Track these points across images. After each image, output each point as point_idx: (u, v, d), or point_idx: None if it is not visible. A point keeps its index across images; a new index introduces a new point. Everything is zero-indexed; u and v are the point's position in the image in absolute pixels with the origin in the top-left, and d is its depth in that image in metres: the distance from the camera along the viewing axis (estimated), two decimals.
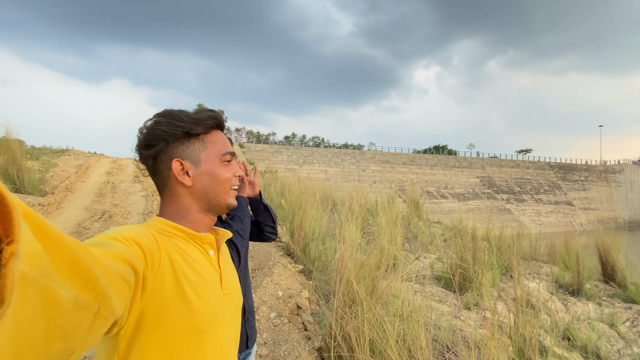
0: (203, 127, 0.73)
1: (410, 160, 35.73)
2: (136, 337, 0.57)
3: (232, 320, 0.74)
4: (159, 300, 0.58)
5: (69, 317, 0.31)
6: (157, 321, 0.58)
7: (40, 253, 0.27)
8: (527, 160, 40.38)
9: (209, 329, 0.65)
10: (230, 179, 0.76)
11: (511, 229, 6.87)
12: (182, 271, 0.63)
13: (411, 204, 9.94)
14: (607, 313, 4.53)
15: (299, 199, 5.43)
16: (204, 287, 0.66)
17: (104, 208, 6.18)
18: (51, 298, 0.28)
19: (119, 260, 0.48)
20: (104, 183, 8.69)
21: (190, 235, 0.71)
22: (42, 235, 0.29)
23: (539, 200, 37.16)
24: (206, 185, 0.73)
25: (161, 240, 0.63)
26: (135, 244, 0.55)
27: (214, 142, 0.75)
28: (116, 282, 0.44)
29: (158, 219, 0.71)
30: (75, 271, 0.32)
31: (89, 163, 11.76)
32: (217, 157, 0.74)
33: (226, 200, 0.75)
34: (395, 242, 4.53)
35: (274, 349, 2.09)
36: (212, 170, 0.73)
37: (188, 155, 0.72)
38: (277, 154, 32.65)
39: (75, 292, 0.32)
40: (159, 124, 0.71)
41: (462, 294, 4.37)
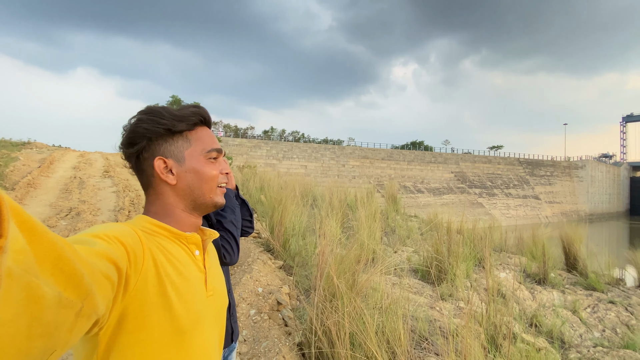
0: (186, 124, 0.71)
1: (388, 156, 36.35)
2: (116, 338, 0.56)
3: (217, 320, 0.73)
4: (141, 300, 0.57)
5: (51, 315, 0.30)
6: (138, 322, 0.57)
7: (25, 249, 0.27)
8: (498, 156, 42.18)
9: (192, 330, 0.64)
10: (216, 176, 0.73)
11: (483, 222, 7.17)
12: (165, 272, 0.62)
13: (389, 198, 10.14)
14: (570, 300, 4.84)
15: (278, 195, 5.38)
16: (187, 289, 0.64)
17: (70, 205, 5.86)
18: (35, 295, 0.28)
19: (102, 258, 0.47)
20: (71, 178, 8.24)
21: (175, 234, 0.69)
22: (27, 230, 0.28)
23: (509, 194, 38.99)
24: (191, 184, 0.71)
25: (145, 239, 0.61)
26: (118, 243, 0.54)
27: (199, 139, 0.73)
28: (99, 281, 0.43)
29: (143, 218, 0.69)
30: (59, 268, 0.32)
31: (54, 157, 11.10)
32: (201, 154, 0.72)
33: (212, 199, 0.73)
34: (374, 237, 4.60)
35: (254, 346, 2.07)
36: (197, 168, 0.71)
37: (171, 152, 0.70)
38: (256, 148, 32.20)
39: (58, 289, 0.31)
40: (140, 122, 0.69)
41: (437, 285, 4.51)
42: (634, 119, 64.47)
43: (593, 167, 43.95)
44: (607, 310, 4.60)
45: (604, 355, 3.33)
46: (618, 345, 3.77)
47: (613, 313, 4.55)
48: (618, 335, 4.09)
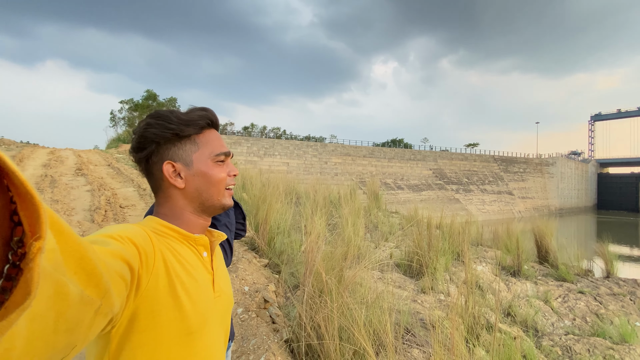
0: (194, 128, 0.72)
1: (369, 153, 36.77)
2: (128, 337, 0.57)
3: (223, 321, 0.75)
4: (152, 300, 0.58)
5: (75, 312, 0.32)
6: (149, 322, 0.58)
7: (55, 249, 0.29)
8: (474, 154, 43.56)
9: (199, 331, 0.65)
10: (224, 179, 0.74)
11: (460, 218, 7.42)
12: (175, 272, 0.63)
13: (371, 195, 10.29)
14: (542, 291, 5.11)
15: (262, 193, 5.35)
16: (196, 290, 0.66)
17: None
18: (62, 292, 0.29)
19: (116, 257, 0.49)
20: (42, 177, 7.84)
21: (184, 236, 0.71)
22: (56, 231, 0.30)
23: (484, 190, 40.43)
24: (199, 187, 0.72)
25: (156, 240, 0.63)
26: (130, 243, 0.55)
27: (207, 143, 0.74)
28: (115, 280, 0.44)
29: (153, 219, 0.71)
30: (82, 267, 0.33)
31: (23, 154, 10.52)
32: (209, 157, 0.73)
33: (220, 201, 0.74)
34: (358, 233, 4.67)
35: (243, 344, 2.08)
36: (205, 171, 0.72)
37: (180, 156, 0.71)
38: (236, 145, 31.68)
39: (81, 287, 0.33)
40: (149, 126, 0.70)
41: (419, 279, 4.65)
42: (601, 117, 68.24)
43: (563, 164, 46.29)
44: (577, 300, 4.90)
45: (575, 343, 3.55)
46: (588, 333, 4.03)
47: (583, 302, 4.84)
48: (588, 323, 4.37)
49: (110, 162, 11.31)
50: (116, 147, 17.17)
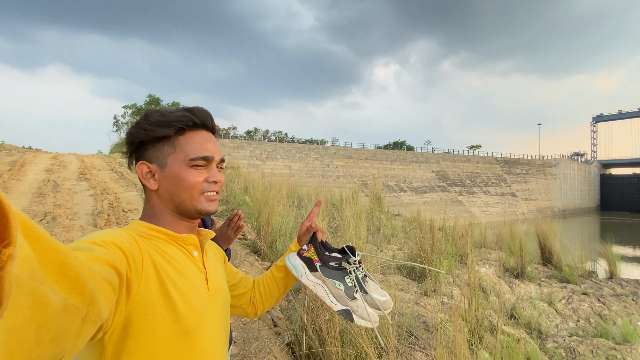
0: (170, 129, 0.69)
1: (371, 156, 36.75)
2: (124, 343, 0.56)
3: (221, 318, 0.75)
4: (145, 304, 0.57)
5: (58, 321, 0.30)
6: (144, 325, 0.57)
7: (30, 256, 0.27)
8: (477, 155, 43.45)
9: (197, 329, 0.65)
10: (198, 183, 0.71)
11: (463, 220, 7.39)
12: (165, 273, 0.62)
13: (373, 198, 10.27)
14: (546, 292, 5.07)
15: (264, 195, 5.36)
16: (189, 289, 0.65)
17: (45, 209, 5.61)
18: (41, 302, 0.28)
19: (102, 263, 0.47)
20: (44, 181, 7.88)
21: (172, 237, 0.70)
22: (32, 238, 0.28)
23: (487, 192, 40.26)
24: (170, 190, 0.70)
25: (142, 243, 0.62)
26: (116, 247, 0.54)
27: (185, 145, 0.70)
28: (101, 286, 0.43)
29: (139, 223, 0.70)
30: (63, 275, 0.32)
31: (25, 159, 10.59)
32: (184, 160, 0.70)
33: (195, 207, 0.71)
34: (360, 236, 4.66)
35: (244, 347, 2.07)
36: (177, 174, 0.70)
37: (156, 157, 0.70)
38: (239, 149, 31.79)
39: (64, 295, 0.32)
40: (133, 126, 0.71)
41: (422, 281, 4.62)
42: (603, 118, 67.95)
43: (566, 165, 46.06)
44: (580, 302, 4.85)
45: (578, 344, 3.52)
46: (592, 335, 3.99)
47: (586, 304, 4.80)
48: (592, 324, 4.32)
49: (113, 166, 11.36)
50: (119, 151, 17.26)
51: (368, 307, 0.81)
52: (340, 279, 0.84)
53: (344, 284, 0.83)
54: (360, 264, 0.87)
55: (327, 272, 0.85)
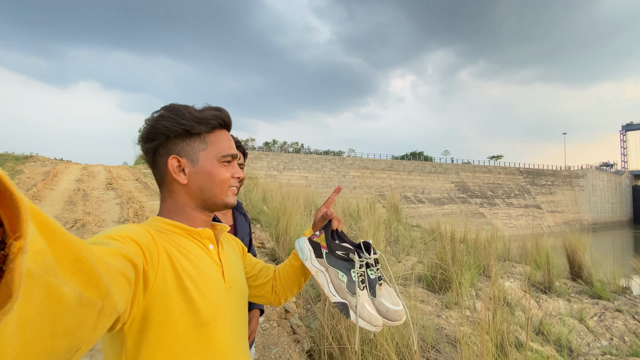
0: (205, 126, 0.72)
1: (388, 166, 36.46)
2: (144, 334, 0.57)
3: (239, 311, 0.76)
4: (163, 296, 0.59)
5: (73, 314, 0.31)
6: (163, 317, 0.58)
7: (44, 250, 0.27)
8: (499, 166, 42.24)
9: (214, 321, 0.65)
10: (228, 179, 0.75)
11: (485, 232, 7.17)
12: (181, 266, 0.63)
13: (391, 208, 10.16)
14: (576, 309, 4.81)
15: (282, 205, 5.42)
16: (205, 281, 0.66)
17: (75, 216, 5.89)
18: (55, 295, 0.28)
19: (118, 256, 0.48)
20: (75, 190, 8.29)
21: (187, 231, 0.71)
22: (46, 231, 0.28)
23: (510, 204, 38.90)
24: (202, 184, 0.72)
25: (158, 237, 0.63)
26: (132, 241, 0.55)
27: (216, 142, 0.74)
28: (117, 279, 0.44)
29: (156, 218, 0.71)
30: (78, 268, 0.32)
31: (57, 170, 11.18)
32: (216, 157, 0.73)
33: (223, 200, 0.75)
34: (378, 246, 4.61)
35: (265, 353, 2.08)
36: (210, 170, 0.72)
37: (187, 152, 0.71)
38: (257, 160, 32.33)
39: (79, 289, 0.32)
40: (161, 118, 0.71)
41: (443, 294, 4.50)
42: (633, 127, 64.83)
43: (594, 176, 43.97)
44: (614, 319, 4.57)
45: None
46: (626, 353, 3.74)
47: (620, 321, 4.51)
48: (626, 343, 4.05)
49: (138, 177, 11.81)
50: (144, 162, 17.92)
51: (370, 308, 0.76)
52: (345, 271, 0.80)
53: (348, 276, 0.79)
54: (376, 263, 0.83)
55: (332, 261, 0.81)
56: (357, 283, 0.78)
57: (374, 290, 0.80)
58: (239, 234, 1.35)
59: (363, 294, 0.78)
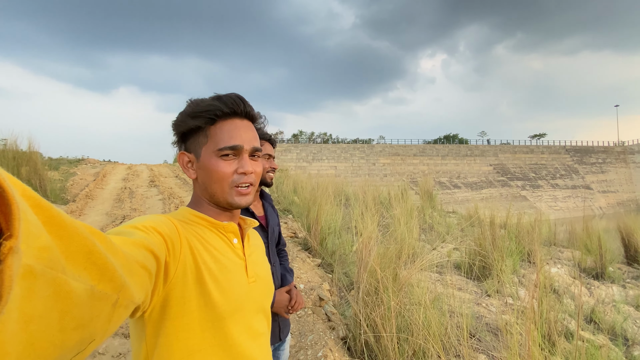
0: (201, 120, 0.68)
1: (420, 152, 35.37)
2: (162, 323, 0.58)
3: (261, 306, 0.75)
4: (182, 287, 0.59)
5: (85, 308, 0.30)
6: (180, 308, 0.59)
7: (50, 246, 0.27)
8: (542, 145, 39.43)
9: (232, 316, 0.65)
10: (227, 175, 0.68)
11: (528, 216, 6.77)
12: (202, 259, 0.63)
13: (424, 195, 9.89)
14: (632, 295, 4.43)
15: (312, 195, 5.47)
16: (224, 276, 0.66)
17: (123, 213, 6.35)
18: (63, 290, 0.28)
19: (139, 247, 0.49)
20: (122, 189, 8.92)
21: (212, 224, 0.70)
22: (56, 226, 0.28)
23: (556, 185, 36.30)
24: (204, 181, 0.70)
25: (182, 228, 0.63)
26: (155, 232, 0.55)
27: (215, 135, 0.69)
28: (135, 270, 0.44)
29: (184, 209, 0.72)
30: (92, 262, 0.32)
31: (106, 171, 12.06)
32: (213, 151, 0.68)
33: (226, 199, 0.69)
34: (411, 233, 4.53)
35: (301, 339, 2.15)
36: (207, 165, 0.69)
37: (193, 148, 0.71)
38: (286, 152, 32.78)
39: (92, 283, 0.31)
40: (176, 117, 0.73)
41: (482, 281, 4.34)
42: None
43: None
44: None
45: None
46: None
47: None
48: None
49: (177, 174, 12.47)
50: None
51: None
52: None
53: None
54: None
55: None
56: None
57: None
58: (270, 225, 1.38)
59: None
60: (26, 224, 0.24)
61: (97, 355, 2.30)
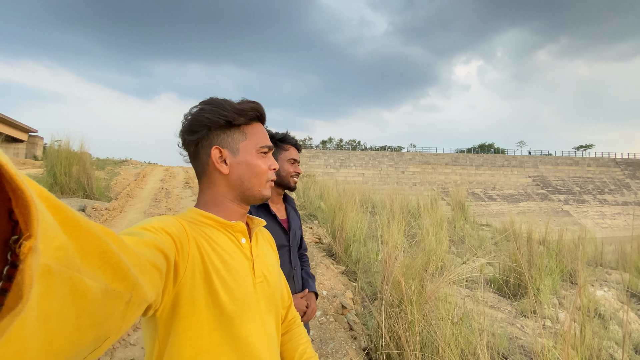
0: (245, 118, 0.74)
1: (453, 161, 34.18)
2: (172, 323, 0.60)
3: (269, 306, 0.76)
4: (191, 287, 0.61)
5: (99, 307, 0.31)
6: (190, 307, 0.60)
7: (66, 245, 0.27)
8: (588, 157, 36.63)
9: (240, 316, 0.66)
10: (266, 171, 0.76)
11: (571, 233, 6.28)
12: (209, 259, 0.65)
13: (456, 206, 9.52)
14: None
15: (338, 202, 5.45)
16: (231, 276, 0.67)
17: (159, 212, 6.69)
18: (79, 289, 0.28)
19: (150, 247, 0.50)
20: (159, 189, 9.41)
21: (221, 223, 0.72)
22: (71, 227, 0.29)
23: (604, 200, 33.47)
24: (242, 175, 0.74)
25: (190, 229, 0.64)
26: (164, 232, 0.57)
27: (254, 134, 0.76)
28: (147, 270, 0.45)
29: (192, 210, 0.73)
30: (105, 261, 0.32)
31: (145, 171, 12.81)
32: (255, 148, 0.75)
33: (261, 192, 0.76)
34: (440, 245, 4.36)
35: (321, 346, 2.12)
36: (249, 161, 0.74)
37: (228, 143, 0.73)
38: (314, 158, 33.01)
39: (105, 282, 0.32)
40: (203, 111, 0.73)
41: (517, 300, 4.07)
42: None
43: None
44: None
45: None
46: None
47: None
48: None
49: None
50: None
51: None
52: None
53: None
54: None
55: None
56: None
57: None
58: (292, 228, 1.39)
59: None
60: (44, 224, 0.24)
61: (129, 346, 2.42)
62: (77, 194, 6.53)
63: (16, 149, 19.42)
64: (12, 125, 17.51)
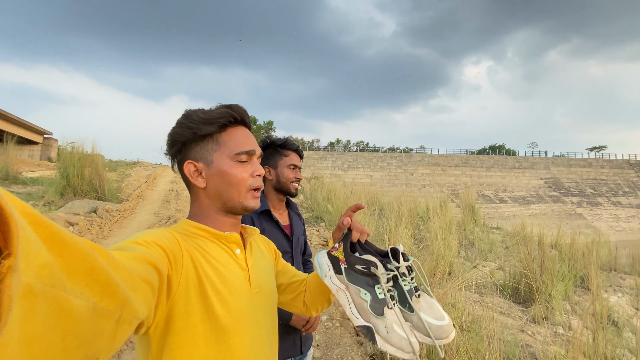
0: (214, 126, 0.70)
1: (463, 162, 33.79)
2: (166, 339, 0.58)
3: (266, 317, 0.74)
4: (185, 301, 0.59)
5: (87, 326, 0.30)
6: (184, 322, 0.59)
7: (50, 263, 0.26)
8: (601, 159, 35.80)
9: (236, 329, 0.65)
10: (245, 179, 0.71)
11: (585, 236, 6.14)
12: (204, 272, 0.63)
13: (466, 208, 9.39)
14: None
15: (345, 204, 5.43)
16: (227, 288, 0.65)
17: (169, 213, 6.78)
18: (65, 308, 0.27)
19: (142, 262, 0.49)
20: (169, 191, 9.54)
21: (214, 235, 0.70)
22: (56, 243, 0.28)
23: (618, 203, 32.62)
24: (218, 187, 0.70)
25: (183, 242, 0.63)
26: (157, 246, 0.55)
27: (228, 141, 0.71)
28: (138, 285, 0.43)
29: (185, 221, 0.72)
30: (94, 279, 0.31)
31: (156, 173, 13.00)
32: (228, 156, 0.70)
33: (242, 203, 0.71)
34: (449, 249, 4.30)
35: (327, 352, 2.11)
36: (224, 170, 0.70)
37: (201, 156, 0.71)
38: (322, 160, 33.02)
39: (94, 299, 0.31)
40: (175, 126, 0.72)
41: (528, 306, 3.99)
42: None
43: None
44: None
45: None
46: None
47: None
48: None
49: None
50: None
51: (401, 331, 0.63)
52: (368, 288, 0.68)
53: (372, 294, 0.66)
54: (410, 271, 0.70)
55: (352, 277, 0.70)
56: (385, 301, 0.66)
57: (409, 304, 0.67)
58: (294, 234, 1.38)
59: (391, 314, 0.65)
60: (25, 242, 0.23)
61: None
62: (89, 196, 6.66)
63: (31, 151, 19.93)
64: (27, 127, 17.98)
